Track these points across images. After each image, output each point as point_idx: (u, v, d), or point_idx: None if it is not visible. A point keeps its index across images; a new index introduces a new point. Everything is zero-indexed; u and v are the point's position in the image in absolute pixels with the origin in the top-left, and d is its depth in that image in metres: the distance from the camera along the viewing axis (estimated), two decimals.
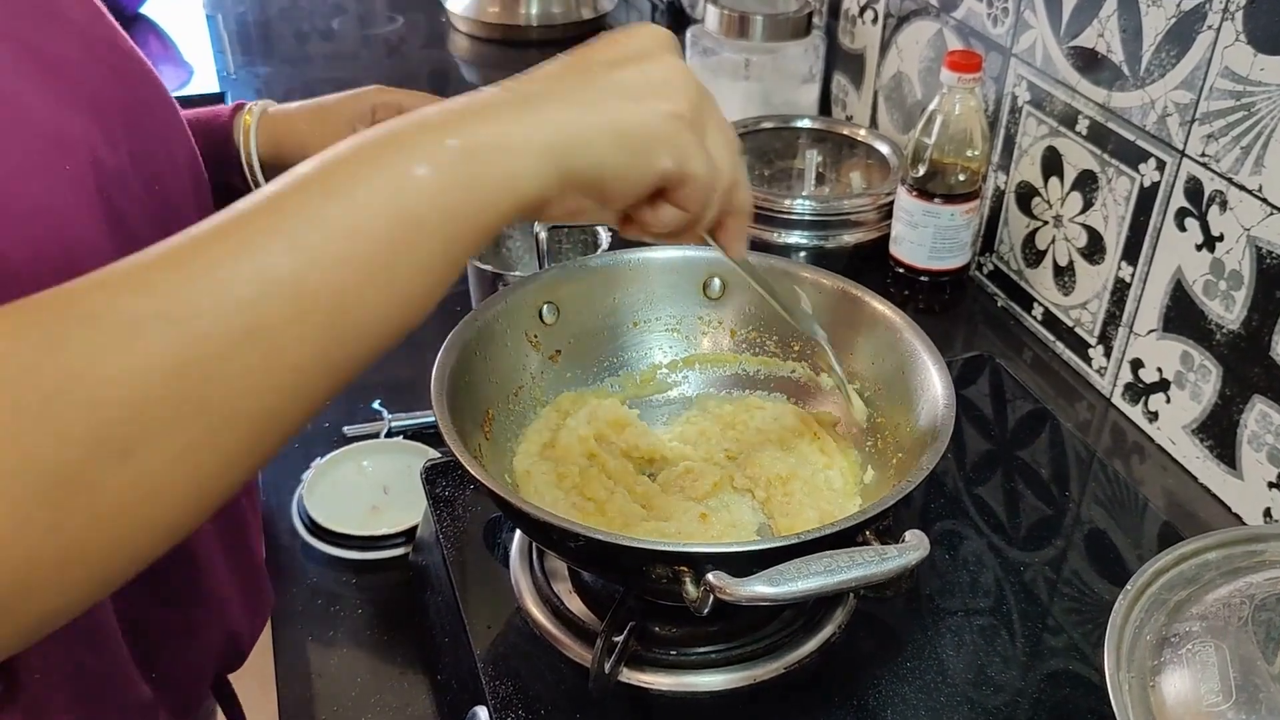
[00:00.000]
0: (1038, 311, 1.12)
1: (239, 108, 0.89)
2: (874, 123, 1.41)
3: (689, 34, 1.46)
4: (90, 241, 0.58)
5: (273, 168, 0.88)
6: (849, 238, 1.18)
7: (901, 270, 1.13)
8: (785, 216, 1.17)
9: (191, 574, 0.72)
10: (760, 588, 0.53)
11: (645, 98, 0.49)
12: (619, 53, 0.51)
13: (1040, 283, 1.11)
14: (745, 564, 0.56)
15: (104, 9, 0.67)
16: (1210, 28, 0.85)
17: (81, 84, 0.61)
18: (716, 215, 0.55)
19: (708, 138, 0.52)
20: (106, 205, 0.60)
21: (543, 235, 0.84)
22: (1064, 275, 1.07)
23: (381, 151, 0.45)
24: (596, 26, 1.92)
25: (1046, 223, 1.09)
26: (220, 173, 0.86)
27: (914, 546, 0.56)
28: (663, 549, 0.58)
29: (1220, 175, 0.87)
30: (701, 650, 0.68)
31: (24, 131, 0.55)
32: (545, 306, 0.80)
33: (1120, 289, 1.00)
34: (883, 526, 0.62)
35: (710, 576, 0.54)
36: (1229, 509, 0.91)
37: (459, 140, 0.45)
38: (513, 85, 0.50)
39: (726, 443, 0.79)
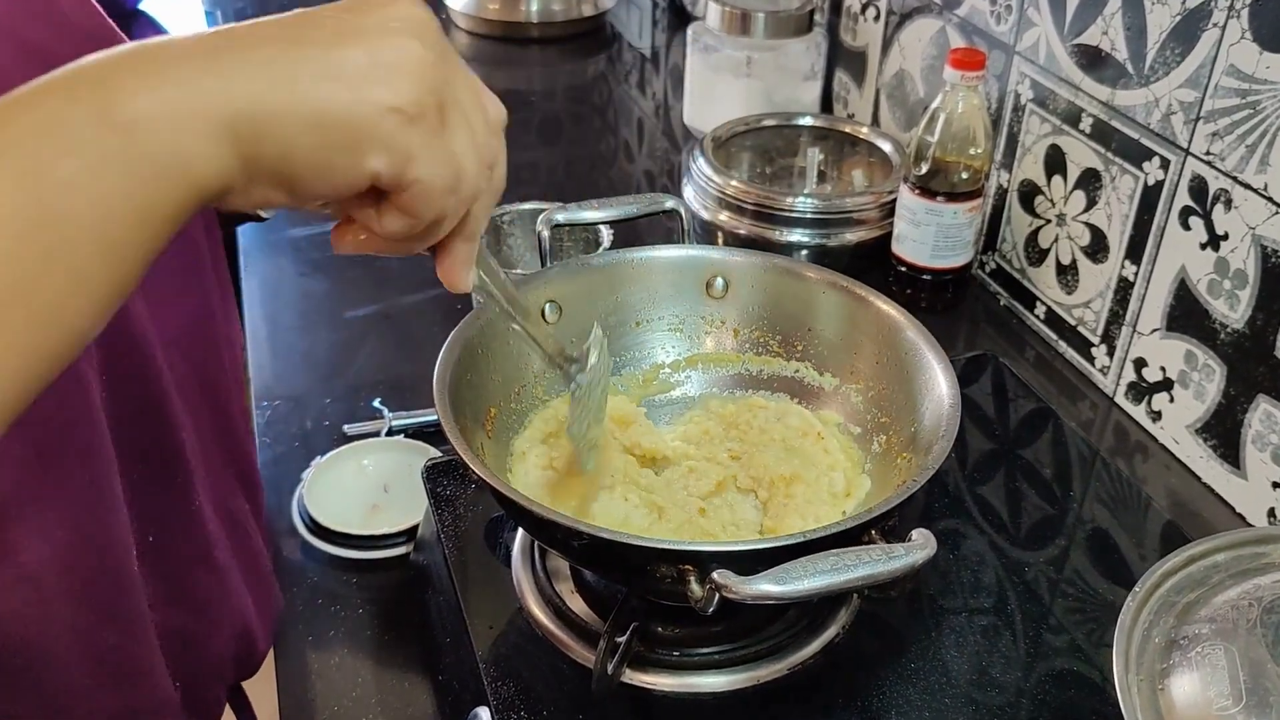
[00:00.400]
0: (1040, 310, 1.11)
1: None
2: (876, 120, 1.40)
3: (690, 31, 1.46)
4: None
5: None
6: (851, 236, 1.17)
7: (904, 269, 1.13)
8: (787, 214, 1.16)
9: (212, 578, 0.72)
10: (766, 586, 0.53)
11: (365, 84, 0.41)
12: (356, 22, 0.43)
13: (1043, 281, 1.11)
14: (750, 563, 0.55)
15: (101, 10, 0.67)
16: (1216, 25, 0.85)
17: None
18: (458, 224, 0.49)
19: (451, 132, 0.45)
20: None
21: (545, 234, 0.83)
22: (1067, 274, 1.07)
23: (19, 130, 0.36)
24: (597, 24, 1.91)
25: (1049, 221, 1.08)
26: None
27: (920, 545, 0.56)
28: (667, 548, 0.58)
29: (1225, 174, 0.86)
30: (705, 651, 0.67)
31: None
32: (547, 305, 0.79)
33: (1124, 288, 0.99)
34: (887, 526, 0.62)
35: (716, 575, 0.54)
36: (1233, 509, 0.90)
37: (119, 113, 0.37)
38: (214, 35, 0.41)
39: (730, 442, 0.78)
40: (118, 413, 0.62)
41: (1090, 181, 1.02)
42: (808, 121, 1.33)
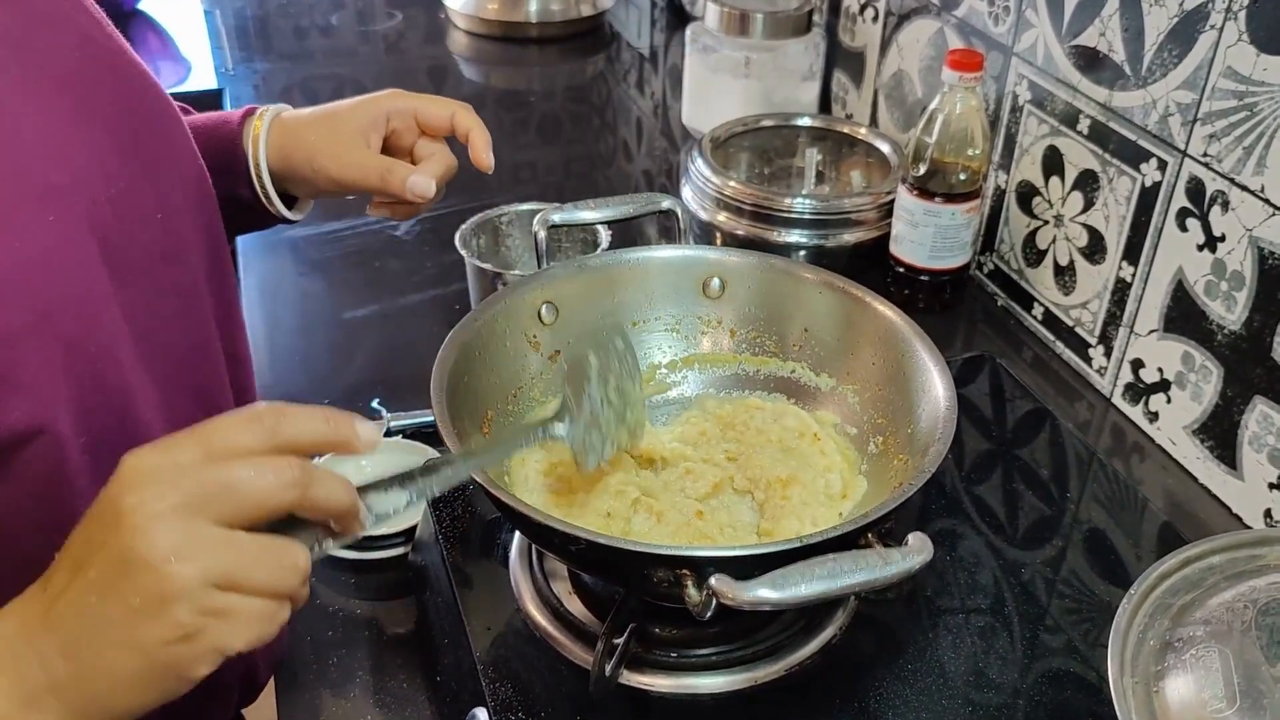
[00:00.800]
0: (1038, 311, 1.12)
1: (250, 113, 0.86)
2: (874, 121, 1.40)
3: (689, 31, 1.46)
4: (86, 278, 0.58)
5: (281, 177, 0.86)
6: (849, 237, 1.17)
7: (902, 269, 1.13)
8: (785, 215, 1.16)
9: None
10: (763, 592, 0.53)
11: (140, 631, 0.46)
12: (99, 574, 0.47)
13: (1041, 282, 1.11)
14: (748, 567, 0.55)
15: (105, 19, 0.66)
16: (1213, 27, 0.85)
17: (87, 99, 0.60)
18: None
19: (239, 587, 0.48)
20: (99, 235, 0.59)
21: (541, 235, 0.83)
22: (1064, 275, 1.07)
23: None
24: (596, 24, 1.91)
25: (1047, 222, 1.08)
26: (227, 183, 0.83)
27: (917, 550, 0.56)
28: (664, 553, 0.58)
29: (1222, 175, 0.86)
30: (702, 652, 0.68)
31: (17, 160, 0.55)
32: (544, 306, 0.80)
33: (1121, 289, 0.99)
34: (884, 528, 0.62)
35: (713, 581, 0.54)
36: (1229, 509, 0.90)
37: None
38: (30, 649, 0.47)
39: (726, 443, 0.78)
40: (99, 470, 0.61)
41: (1088, 183, 1.02)
42: (806, 122, 1.34)
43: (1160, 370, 0.96)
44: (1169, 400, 0.95)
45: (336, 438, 0.52)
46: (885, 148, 1.26)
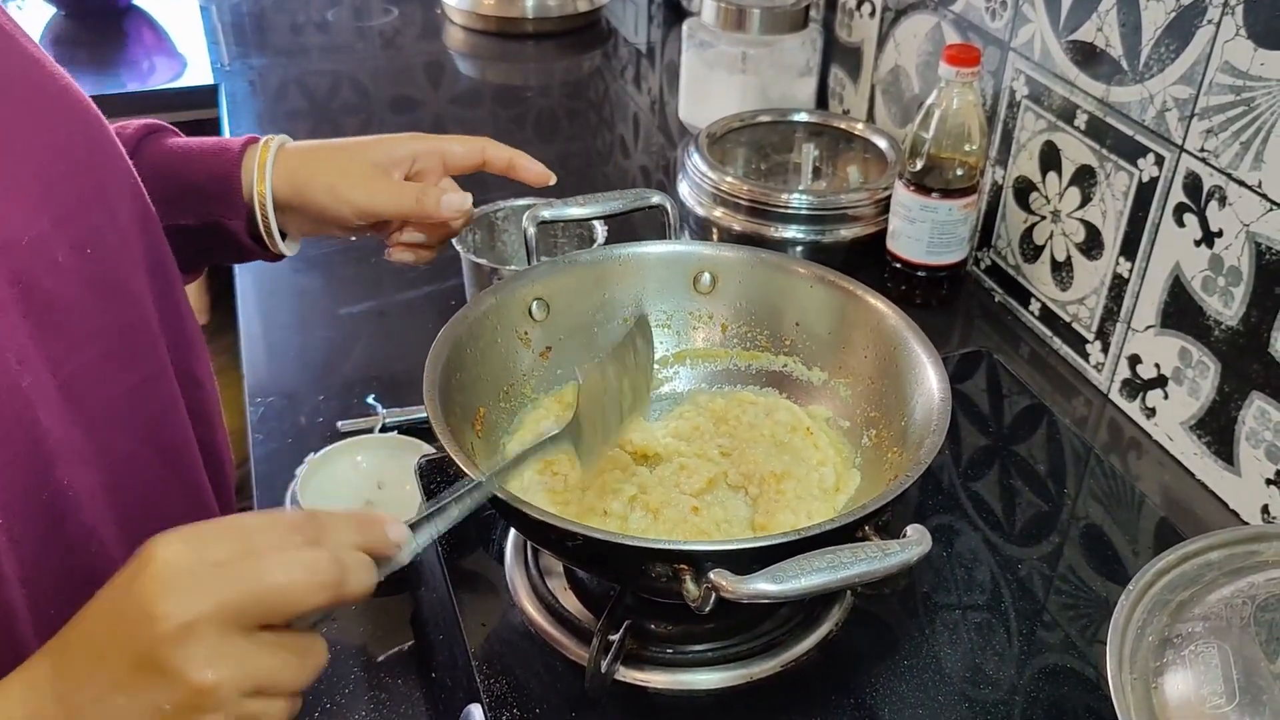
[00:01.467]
0: (1035, 307, 1.11)
1: (251, 142, 0.84)
2: (871, 117, 1.40)
3: (685, 27, 1.46)
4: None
5: (290, 208, 0.84)
6: (846, 232, 1.17)
7: (899, 265, 1.13)
8: (782, 211, 1.16)
9: None
10: (763, 585, 0.53)
11: None
12: (126, 676, 0.47)
13: (1038, 278, 1.10)
14: (746, 561, 0.55)
15: (19, 33, 0.63)
16: (1210, 22, 0.85)
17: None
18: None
19: (265, 711, 0.49)
20: (20, 285, 0.58)
21: (531, 231, 0.83)
22: (1062, 270, 1.07)
23: None
24: (593, 19, 1.91)
25: (1044, 218, 1.08)
26: (213, 210, 0.82)
27: (916, 541, 0.56)
28: (662, 548, 0.58)
29: (1219, 171, 0.86)
30: (698, 648, 0.67)
31: None
32: (535, 303, 0.79)
33: (1118, 284, 0.99)
34: (880, 521, 0.61)
35: (712, 575, 0.53)
36: (1226, 505, 0.90)
37: None
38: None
39: (720, 438, 0.78)
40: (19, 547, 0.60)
41: (1085, 178, 1.02)
42: (803, 118, 1.33)
43: (1157, 366, 0.96)
44: (1166, 396, 0.95)
45: (372, 545, 0.53)
46: (882, 143, 1.26)
